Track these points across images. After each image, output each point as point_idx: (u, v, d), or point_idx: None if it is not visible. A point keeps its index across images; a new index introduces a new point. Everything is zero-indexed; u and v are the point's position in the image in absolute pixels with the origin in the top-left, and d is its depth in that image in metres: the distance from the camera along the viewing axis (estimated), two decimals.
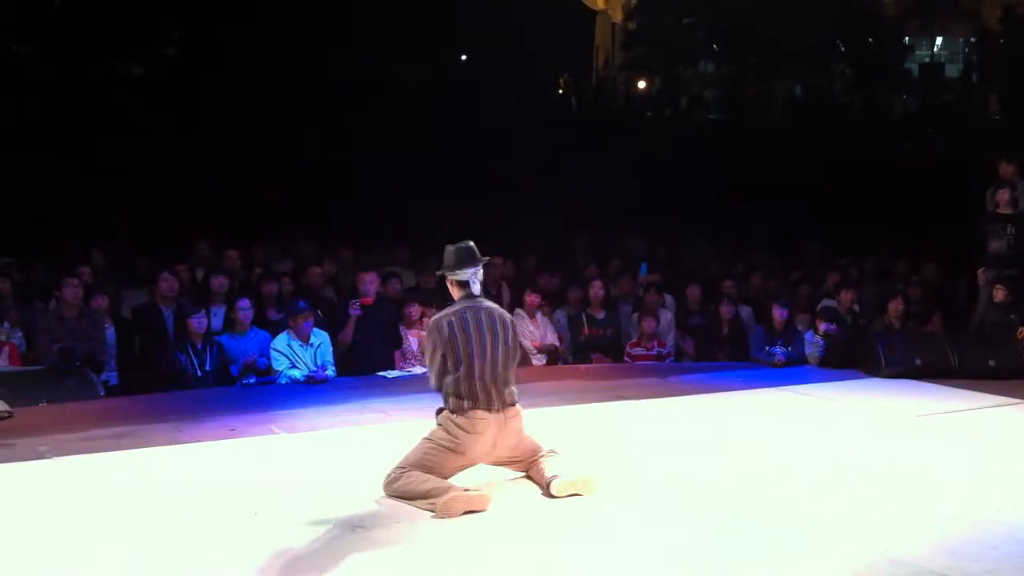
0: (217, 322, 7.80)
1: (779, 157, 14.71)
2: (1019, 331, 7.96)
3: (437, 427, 4.42)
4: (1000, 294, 8.37)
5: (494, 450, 4.42)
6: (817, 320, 8.34)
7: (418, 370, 7.76)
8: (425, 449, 4.35)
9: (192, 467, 4.82)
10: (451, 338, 4.35)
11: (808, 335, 8.33)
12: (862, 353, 8.01)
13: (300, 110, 13.31)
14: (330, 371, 7.33)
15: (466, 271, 4.52)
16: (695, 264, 11.31)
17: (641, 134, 16.03)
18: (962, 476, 4.80)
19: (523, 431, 4.53)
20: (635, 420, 6.08)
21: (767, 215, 13.14)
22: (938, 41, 29.17)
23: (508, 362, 4.46)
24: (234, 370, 7.35)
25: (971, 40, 23.21)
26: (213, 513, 4.04)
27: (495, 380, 4.37)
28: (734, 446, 5.39)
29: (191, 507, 4.12)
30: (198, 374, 7.22)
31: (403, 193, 12.15)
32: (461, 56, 17.99)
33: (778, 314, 8.48)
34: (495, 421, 4.35)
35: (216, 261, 9.12)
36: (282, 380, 7.20)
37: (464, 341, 4.35)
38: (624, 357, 8.82)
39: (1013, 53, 18.82)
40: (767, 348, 8.34)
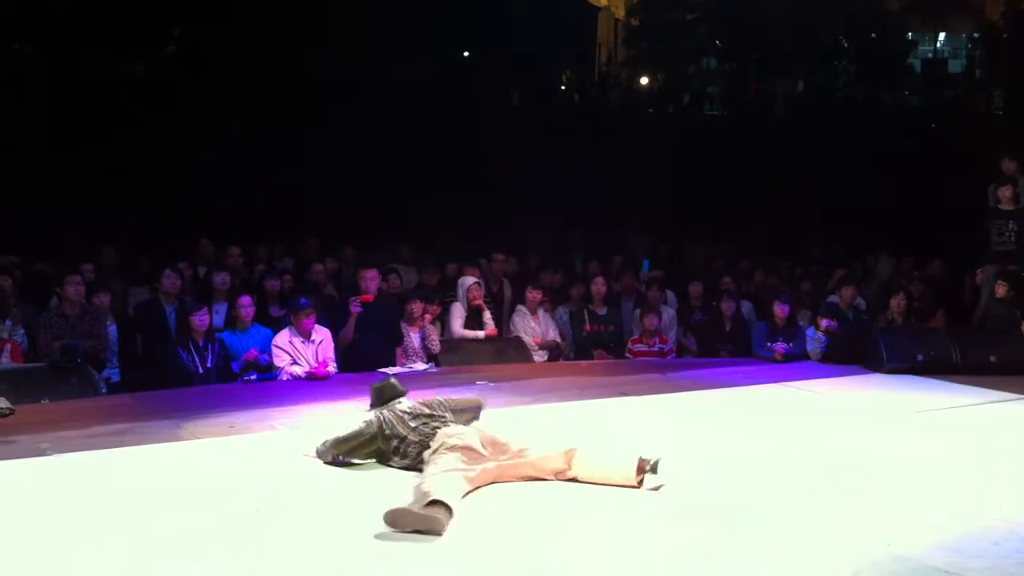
0: (219, 319, 7.81)
1: (781, 153, 14.72)
2: (1021, 326, 7.96)
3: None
4: (1002, 290, 8.36)
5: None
6: (819, 316, 8.34)
7: (419, 367, 7.77)
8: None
9: (193, 464, 4.81)
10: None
11: (810, 331, 8.33)
12: (864, 349, 8.01)
13: (300, 110, 13.31)
14: (331, 368, 7.33)
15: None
16: (697, 261, 11.31)
17: (643, 130, 16.04)
18: (964, 472, 4.80)
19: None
20: (636, 416, 6.07)
21: (769, 211, 13.15)
22: (941, 37, 29.15)
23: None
24: (235, 367, 7.34)
25: (974, 36, 23.13)
26: (214, 510, 4.04)
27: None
28: (735, 442, 5.39)
29: (192, 504, 4.12)
30: (200, 371, 7.21)
31: (403, 192, 12.17)
32: (463, 54, 18.00)
33: (780, 310, 8.47)
34: None
35: (218, 258, 9.13)
36: (283, 377, 7.20)
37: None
38: (626, 353, 8.82)
39: (1016, 49, 18.76)
40: (769, 344, 8.34)
